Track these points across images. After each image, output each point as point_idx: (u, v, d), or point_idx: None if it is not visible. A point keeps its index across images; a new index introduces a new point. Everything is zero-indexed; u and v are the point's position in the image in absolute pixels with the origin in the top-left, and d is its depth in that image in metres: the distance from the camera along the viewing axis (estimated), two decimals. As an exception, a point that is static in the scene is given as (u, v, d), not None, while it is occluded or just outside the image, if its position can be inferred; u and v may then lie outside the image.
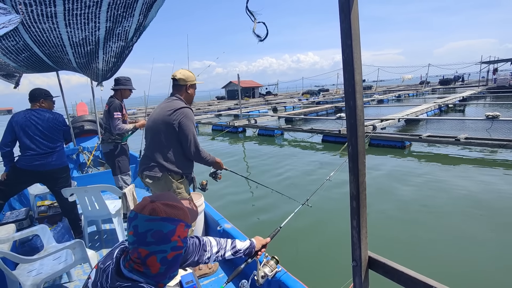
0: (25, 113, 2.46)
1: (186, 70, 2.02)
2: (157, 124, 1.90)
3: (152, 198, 0.80)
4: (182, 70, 2.01)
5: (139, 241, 0.74)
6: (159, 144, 1.90)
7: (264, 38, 0.99)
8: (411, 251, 2.94)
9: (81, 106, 6.91)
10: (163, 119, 1.87)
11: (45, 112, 2.52)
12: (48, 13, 1.33)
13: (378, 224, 3.43)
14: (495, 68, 25.31)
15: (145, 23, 1.76)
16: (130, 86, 3.17)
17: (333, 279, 2.44)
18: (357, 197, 0.92)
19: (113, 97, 3.09)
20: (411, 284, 0.87)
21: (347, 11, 0.81)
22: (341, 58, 0.88)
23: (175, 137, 1.88)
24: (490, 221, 3.40)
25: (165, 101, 1.98)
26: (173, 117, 1.85)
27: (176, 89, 2.00)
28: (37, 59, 2.31)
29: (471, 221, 3.43)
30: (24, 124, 2.41)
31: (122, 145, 3.18)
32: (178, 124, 1.85)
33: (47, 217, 3.00)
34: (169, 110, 1.88)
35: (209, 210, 2.69)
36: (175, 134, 1.87)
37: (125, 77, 3.17)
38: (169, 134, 1.87)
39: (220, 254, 1.24)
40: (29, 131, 2.42)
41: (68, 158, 5.11)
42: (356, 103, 0.86)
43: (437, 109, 12.82)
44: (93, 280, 0.82)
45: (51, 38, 1.68)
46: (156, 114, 1.95)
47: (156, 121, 1.91)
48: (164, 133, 1.87)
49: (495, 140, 6.18)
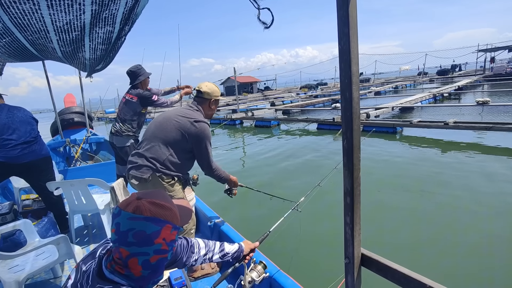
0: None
1: (212, 84, 1.96)
2: (170, 123, 1.80)
3: (139, 195, 0.74)
4: (208, 84, 1.96)
5: (120, 240, 0.69)
6: (162, 142, 1.79)
7: (270, 24, 0.93)
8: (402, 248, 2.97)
9: (69, 97, 6.70)
10: (179, 123, 1.79)
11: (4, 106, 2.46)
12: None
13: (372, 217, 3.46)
14: (492, 57, 25.58)
15: (136, 9, 1.68)
16: (146, 73, 3.10)
17: (324, 276, 2.44)
18: (351, 193, 0.90)
19: (134, 89, 3.05)
20: (404, 281, 0.86)
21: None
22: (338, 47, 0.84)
23: (182, 144, 1.80)
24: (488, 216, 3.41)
25: (186, 107, 1.91)
26: (191, 128, 1.78)
27: (199, 101, 1.92)
28: (19, 46, 2.20)
29: (469, 217, 3.45)
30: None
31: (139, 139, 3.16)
32: (194, 137, 1.79)
33: (31, 211, 2.91)
34: (190, 118, 1.81)
35: (200, 205, 2.65)
36: (184, 142, 1.79)
37: (137, 66, 3.08)
38: (178, 139, 1.79)
39: (208, 257, 1.20)
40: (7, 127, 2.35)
41: (55, 151, 4.96)
42: (352, 95, 0.82)
43: (431, 98, 13.06)
44: (73, 280, 0.76)
45: (33, 22, 1.59)
46: (172, 114, 1.85)
47: (169, 120, 1.82)
48: (174, 136, 1.79)
49: (482, 123, 6.49)
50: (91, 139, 5.26)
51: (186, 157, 1.86)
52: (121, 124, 3.07)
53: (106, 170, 4.00)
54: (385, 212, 3.68)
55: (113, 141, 3.11)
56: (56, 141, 5.09)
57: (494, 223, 3.25)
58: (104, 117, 25.76)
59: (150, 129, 1.89)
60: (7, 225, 2.03)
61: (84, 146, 5.17)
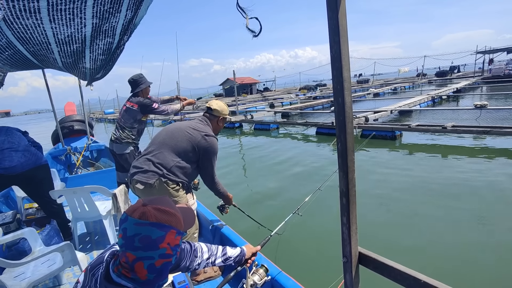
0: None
1: (222, 103, 2.10)
2: (181, 134, 1.89)
3: (145, 201, 0.78)
4: (219, 102, 2.09)
5: (126, 245, 0.72)
6: (172, 150, 1.85)
7: (258, 33, 0.98)
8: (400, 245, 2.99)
9: (69, 106, 6.75)
10: (191, 136, 1.88)
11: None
12: (31, 8, 1.28)
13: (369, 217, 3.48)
14: (491, 59, 25.59)
15: (135, 21, 1.72)
16: (147, 82, 3.19)
17: (326, 276, 2.46)
18: (347, 194, 0.93)
19: (135, 97, 3.12)
20: (401, 279, 0.89)
21: (334, 9, 0.80)
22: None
23: (191, 155, 1.88)
24: (488, 213, 3.43)
25: (197, 121, 2.02)
26: (202, 141, 1.88)
27: (209, 117, 2.06)
28: (21, 57, 2.24)
29: (465, 214, 3.48)
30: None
31: (139, 147, 3.20)
32: (204, 150, 1.88)
33: (35, 219, 2.92)
34: (202, 131, 1.92)
35: (201, 209, 2.68)
36: (193, 153, 1.88)
37: (138, 75, 3.17)
38: (188, 150, 1.87)
39: (210, 261, 1.23)
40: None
41: (57, 159, 5.00)
42: (344, 100, 0.86)
43: (430, 101, 13.08)
44: (81, 284, 0.79)
45: (36, 35, 1.63)
46: (184, 126, 1.95)
47: (182, 131, 1.91)
48: (185, 147, 1.86)
49: (480, 127, 6.47)
50: (92, 146, 5.30)
51: (193, 167, 1.93)
52: (120, 131, 3.11)
53: (107, 177, 4.03)
54: (386, 212, 3.70)
55: (113, 148, 3.15)
56: (57, 149, 5.12)
57: (494, 222, 3.27)
58: (104, 118, 25.75)
59: (160, 136, 1.95)
60: (12, 234, 2.05)
61: (85, 153, 5.21)
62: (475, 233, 3.08)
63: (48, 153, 5.03)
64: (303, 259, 2.92)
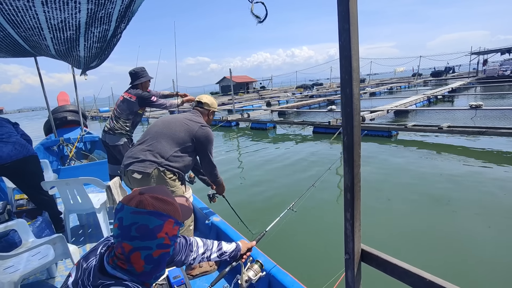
0: None
1: (211, 97, 2.21)
2: (178, 124, 1.92)
3: (141, 190, 0.74)
4: (208, 96, 2.20)
5: (123, 235, 0.69)
6: (169, 139, 1.87)
7: (264, 19, 0.93)
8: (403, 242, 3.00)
9: (62, 96, 6.58)
10: (189, 126, 1.92)
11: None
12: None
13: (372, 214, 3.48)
14: (485, 60, 25.86)
15: (133, 7, 1.65)
16: (148, 76, 3.12)
17: (321, 272, 2.46)
18: (352, 189, 0.90)
19: (134, 89, 3.05)
20: (404, 276, 0.86)
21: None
22: (338, 44, 0.84)
23: (188, 145, 1.91)
24: (489, 212, 3.45)
25: (190, 113, 2.10)
26: (199, 131, 1.94)
27: (200, 111, 2.14)
28: (11, 42, 2.14)
29: (467, 211, 3.49)
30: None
31: (133, 139, 3.13)
32: (201, 140, 1.94)
33: (26, 211, 2.86)
34: (197, 122, 1.99)
35: (197, 203, 2.64)
36: (190, 143, 1.91)
37: (140, 68, 3.10)
38: (186, 139, 1.90)
39: (206, 256, 1.21)
40: None
41: (49, 150, 4.89)
42: (352, 91, 0.82)
43: (425, 100, 13.21)
44: (73, 278, 0.75)
45: (27, 19, 1.55)
46: (180, 117, 1.99)
47: (179, 121, 1.95)
48: (182, 137, 1.89)
49: (475, 127, 6.57)
50: (85, 137, 5.20)
51: (189, 157, 1.96)
52: (115, 122, 3.03)
53: (101, 169, 3.96)
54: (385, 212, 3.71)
55: (106, 139, 3.06)
56: (49, 140, 5.01)
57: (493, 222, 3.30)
58: (98, 116, 25.49)
59: (156, 127, 1.96)
60: (2, 225, 1.99)
61: (79, 145, 5.11)
62: (481, 231, 3.11)
63: (40, 143, 4.91)
64: (298, 254, 2.91)
